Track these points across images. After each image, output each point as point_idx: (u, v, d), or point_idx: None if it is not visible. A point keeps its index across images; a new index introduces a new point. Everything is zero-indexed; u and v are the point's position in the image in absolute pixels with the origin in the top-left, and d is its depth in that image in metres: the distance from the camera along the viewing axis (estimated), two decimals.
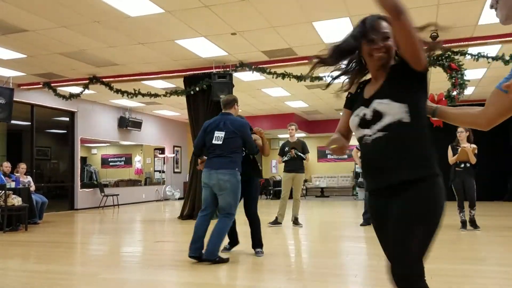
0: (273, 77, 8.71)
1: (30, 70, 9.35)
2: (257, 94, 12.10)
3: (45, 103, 11.40)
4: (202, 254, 4.40)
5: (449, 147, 6.81)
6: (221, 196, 4.52)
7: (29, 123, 11.24)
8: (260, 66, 8.70)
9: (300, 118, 16.33)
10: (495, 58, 7.34)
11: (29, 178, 9.05)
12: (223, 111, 4.84)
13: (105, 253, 5.45)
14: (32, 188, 8.86)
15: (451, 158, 6.71)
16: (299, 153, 7.63)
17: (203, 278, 3.93)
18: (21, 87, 10.57)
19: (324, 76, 7.91)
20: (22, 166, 8.94)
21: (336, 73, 1.96)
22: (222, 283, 3.85)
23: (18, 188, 8.14)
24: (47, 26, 6.73)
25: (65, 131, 12.62)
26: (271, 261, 4.66)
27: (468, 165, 6.56)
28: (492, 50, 7.82)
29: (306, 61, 8.49)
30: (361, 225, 7.48)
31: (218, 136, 4.57)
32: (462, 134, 6.66)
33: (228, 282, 3.85)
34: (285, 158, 7.68)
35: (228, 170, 4.48)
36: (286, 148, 7.70)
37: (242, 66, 8.78)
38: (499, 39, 7.37)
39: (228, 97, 4.91)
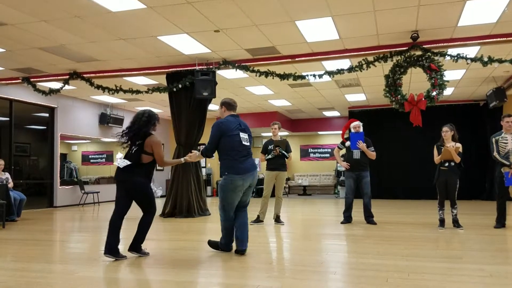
0: (256, 75, 8.71)
1: (8, 64, 9.17)
2: (240, 92, 12.09)
3: (24, 98, 11.20)
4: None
5: (435, 147, 6.90)
6: (248, 193, 4.83)
7: (8, 119, 11.03)
8: (244, 64, 8.70)
9: (283, 116, 16.39)
10: (474, 59, 7.48)
11: (7, 175, 8.88)
12: (232, 113, 4.83)
13: (84, 251, 5.39)
14: (10, 184, 8.70)
15: (436, 158, 6.80)
16: (283, 152, 7.65)
17: (183, 276, 3.92)
18: (0, 82, 10.36)
19: (307, 75, 8.02)
20: (1, 163, 8.77)
21: None
22: (202, 281, 3.84)
23: None
24: (26, 20, 6.61)
25: (45, 127, 12.42)
26: (252, 258, 4.67)
27: (452, 164, 6.66)
28: (471, 51, 7.98)
29: (289, 60, 8.54)
30: (342, 223, 7.56)
31: (245, 138, 4.66)
32: (447, 133, 6.74)
33: (209, 280, 3.85)
34: (269, 156, 7.68)
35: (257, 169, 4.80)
36: (270, 147, 7.71)
37: (225, 63, 8.77)
38: (478, 41, 7.52)
39: (235, 100, 4.95)
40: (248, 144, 4.70)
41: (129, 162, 4.58)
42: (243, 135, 4.66)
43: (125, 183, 4.64)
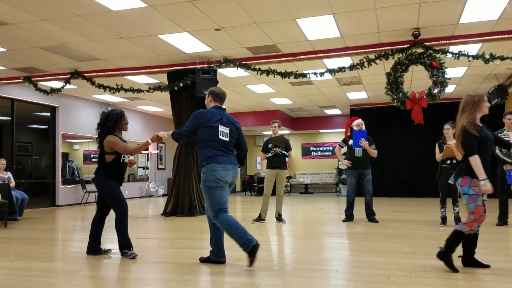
0: (257, 74, 8.70)
1: (10, 64, 9.18)
2: (241, 90, 12.09)
3: (25, 97, 11.21)
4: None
5: (436, 144, 6.88)
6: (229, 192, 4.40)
7: (9, 118, 11.04)
8: (245, 62, 8.69)
9: (284, 115, 16.38)
10: (475, 57, 7.45)
11: (9, 174, 8.90)
12: (218, 104, 4.41)
13: (86, 250, 5.39)
14: (12, 184, 8.72)
15: (438, 155, 6.79)
16: (283, 152, 7.65)
17: (184, 275, 3.92)
18: (1, 81, 10.38)
19: (308, 74, 7.99)
20: (2, 162, 8.79)
21: None
22: (203, 279, 3.85)
23: None
24: (27, 19, 6.62)
25: (46, 127, 12.43)
26: None
27: (454, 161, 6.64)
28: (472, 48, 7.95)
29: (290, 58, 8.53)
30: (343, 221, 7.55)
31: (224, 132, 4.23)
32: (448, 131, 6.72)
33: (210, 278, 3.85)
34: (269, 155, 7.69)
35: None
36: (270, 145, 7.71)
37: (227, 62, 8.76)
38: (480, 38, 7.50)
39: (224, 92, 4.52)
40: (227, 139, 4.23)
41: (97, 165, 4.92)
42: (223, 129, 4.23)
43: (95, 184, 4.90)
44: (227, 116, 4.36)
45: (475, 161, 3.73)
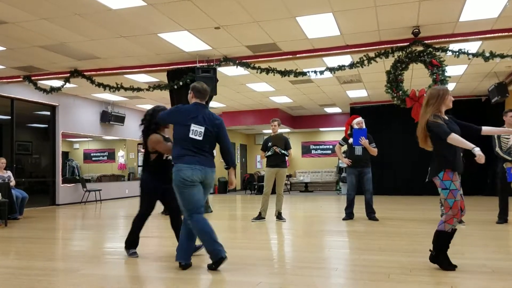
0: (257, 72, 8.70)
1: (9, 63, 9.17)
2: (241, 89, 12.08)
3: (25, 96, 11.21)
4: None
5: None
6: (205, 192, 4.18)
7: (9, 117, 11.03)
8: (244, 61, 8.68)
9: (284, 113, 16.37)
10: (475, 55, 7.44)
11: (9, 173, 8.90)
12: (198, 101, 4.21)
13: (86, 249, 5.40)
14: (12, 183, 8.72)
15: None
16: (283, 151, 7.66)
17: (185, 273, 3.93)
18: (1, 80, 10.37)
19: (308, 72, 7.99)
20: (2, 161, 8.79)
21: None
22: (203, 277, 3.85)
23: None
24: (27, 18, 6.61)
25: (46, 126, 12.43)
26: (253, 255, 4.68)
27: None
28: (472, 46, 7.94)
29: (290, 56, 8.52)
30: (343, 219, 7.56)
31: (196, 131, 4.03)
32: None
33: (210, 277, 3.85)
34: (268, 153, 7.69)
35: (214, 168, 4.19)
36: (269, 144, 7.71)
37: (226, 60, 8.75)
38: (480, 36, 7.49)
39: (207, 88, 4.29)
40: (200, 138, 4.02)
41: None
42: (196, 128, 4.03)
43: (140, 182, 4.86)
44: (205, 113, 4.14)
45: (455, 137, 3.65)
